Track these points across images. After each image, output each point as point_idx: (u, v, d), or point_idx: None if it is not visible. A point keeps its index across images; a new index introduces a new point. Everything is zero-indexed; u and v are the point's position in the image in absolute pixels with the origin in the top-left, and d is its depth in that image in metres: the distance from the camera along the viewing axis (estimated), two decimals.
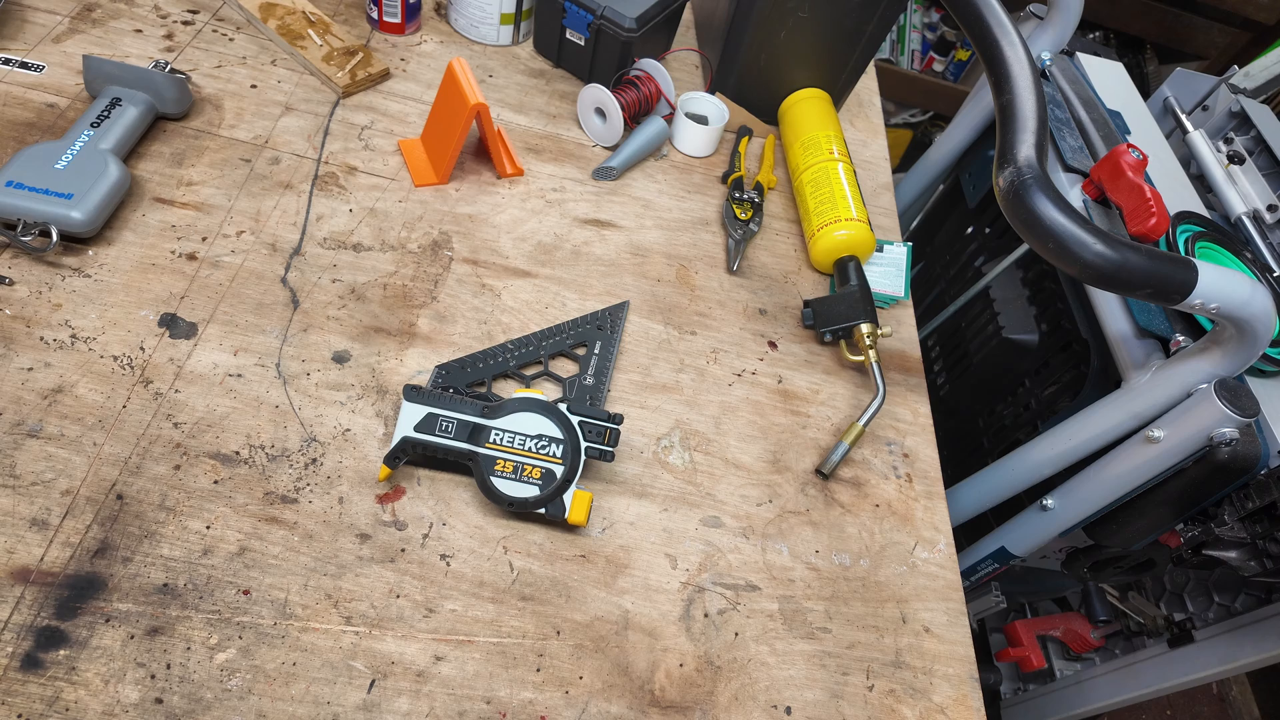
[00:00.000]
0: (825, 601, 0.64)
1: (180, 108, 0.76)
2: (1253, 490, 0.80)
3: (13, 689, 0.46)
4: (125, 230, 0.68)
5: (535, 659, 0.55)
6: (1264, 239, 0.92)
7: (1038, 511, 0.86)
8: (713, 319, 0.80)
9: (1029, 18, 1.01)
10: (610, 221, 0.85)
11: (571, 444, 0.59)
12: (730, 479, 0.69)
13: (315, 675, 0.50)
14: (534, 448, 0.59)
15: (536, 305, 0.75)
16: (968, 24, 0.68)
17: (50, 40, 0.80)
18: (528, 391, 0.62)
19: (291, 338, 0.65)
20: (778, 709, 0.58)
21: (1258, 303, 0.59)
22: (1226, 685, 1.77)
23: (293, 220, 0.73)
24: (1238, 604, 0.91)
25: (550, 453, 0.59)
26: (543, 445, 0.59)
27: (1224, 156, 1.00)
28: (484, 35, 0.98)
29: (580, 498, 0.60)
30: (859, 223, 0.85)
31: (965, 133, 1.12)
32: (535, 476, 0.59)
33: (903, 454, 0.76)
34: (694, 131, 0.95)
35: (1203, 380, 0.68)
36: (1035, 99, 0.61)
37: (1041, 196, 0.57)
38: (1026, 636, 1.11)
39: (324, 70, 0.85)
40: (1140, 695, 0.98)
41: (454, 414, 0.59)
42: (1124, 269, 0.56)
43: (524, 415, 0.60)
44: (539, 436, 0.59)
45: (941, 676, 0.63)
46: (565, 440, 0.59)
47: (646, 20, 0.89)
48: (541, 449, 0.59)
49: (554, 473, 0.59)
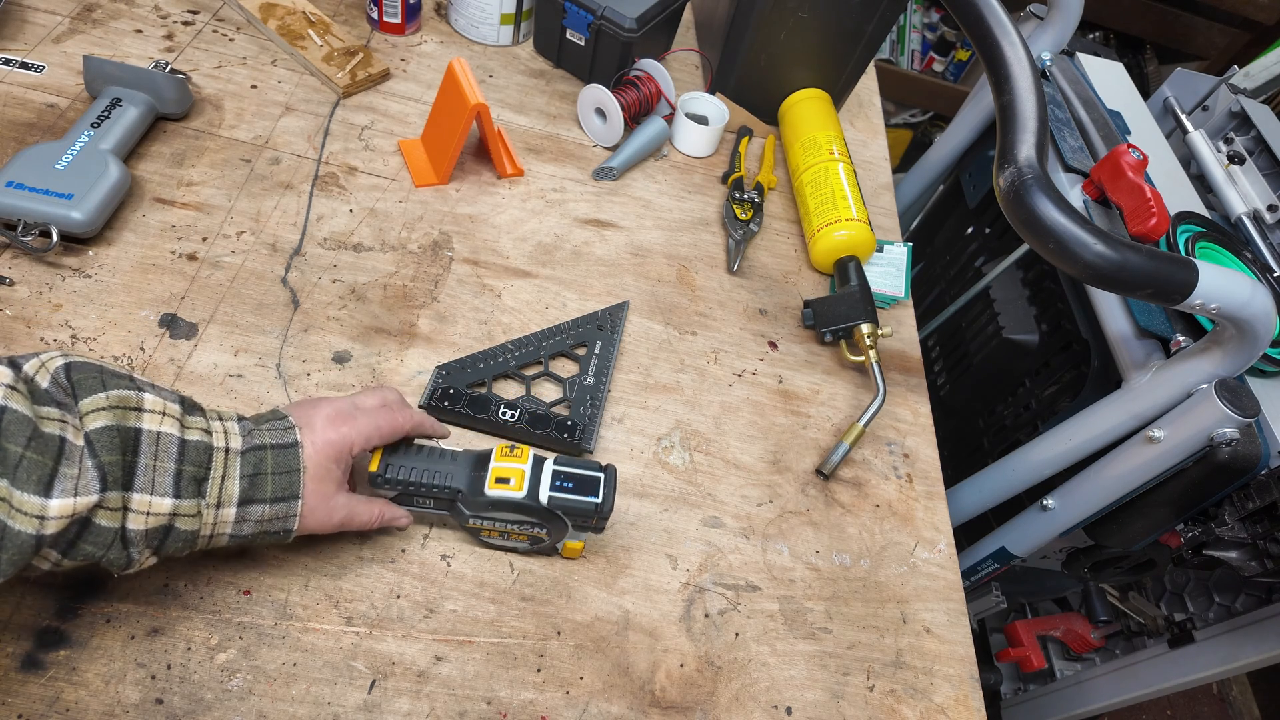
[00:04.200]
0: (826, 602, 0.64)
1: (180, 108, 0.76)
2: (1253, 490, 0.80)
3: (13, 689, 0.46)
4: (125, 230, 0.68)
5: (536, 659, 0.55)
6: (1264, 239, 0.92)
7: (1038, 512, 0.86)
8: (713, 319, 0.80)
9: (1029, 18, 1.01)
10: (610, 222, 0.85)
11: (557, 528, 0.55)
12: (730, 479, 0.69)
13: (316, 675, 0.50)
14: (516, 529, 0.55)
15: (537, 305, 0.75)
16: (968, 24, 0.68)
17: (50, 40, 0.80)
18: (509, 461, 0.54)
19: (292, 338, 0.65)
20: (778, 709, 0.58)
21: (1258, 303, 0.59)
22: (1227, 685, 1.77)
23: (293, 220, 0.73)
24: (1238, 604, 0.91)
25: (536, 529, 0.55)
26: (525, 526, 0.55)
27: (1224, 156, 1.00)
28: (484, 35, 0.98)
29: (571, 547, 0.58)
30: (859, 223, 0.85)
31: (965, 133, 1.12)
32: (522, 539, 0.57)
33: (903, 454, 0.76)
34: (694, 132, 0.95)
35: (1203, 380, 0.68)
36: (1035, 99, 0.61)
37: (1042, 197, 0.57)
38: (1027, 637, 1.11)
39: (324, 70, 0.85)
40: (1140, 695, 0.98)
41: (425, 509, 0.56)
42: (1124, 269, 0.56)
43: (500, 513, 0.54)
44: (520, 522, 0.55)
45: (942, 677, 0.63)
46: (550, 526, 0.55)
47: (647, 20, 0.89)
48: (524, 528, 0.55)
49: (541, 538, 0.56)
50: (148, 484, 0.41)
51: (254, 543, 0.48)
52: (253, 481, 0.45)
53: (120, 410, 0.41)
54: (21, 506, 0.37)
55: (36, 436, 0.37)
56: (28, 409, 0.37)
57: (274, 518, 0.46)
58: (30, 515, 0.37)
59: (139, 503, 0.41)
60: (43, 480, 0.37)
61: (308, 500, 0.47)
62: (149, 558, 0.43)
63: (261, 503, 0.46)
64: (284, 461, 0.47)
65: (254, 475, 0.45)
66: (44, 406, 0.39)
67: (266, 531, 0.47)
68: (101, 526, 0.40)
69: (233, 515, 0.45)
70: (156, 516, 0.42)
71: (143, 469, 0.41)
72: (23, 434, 0.37)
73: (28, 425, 0.37)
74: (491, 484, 0.53)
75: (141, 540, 0.42)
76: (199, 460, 0.44)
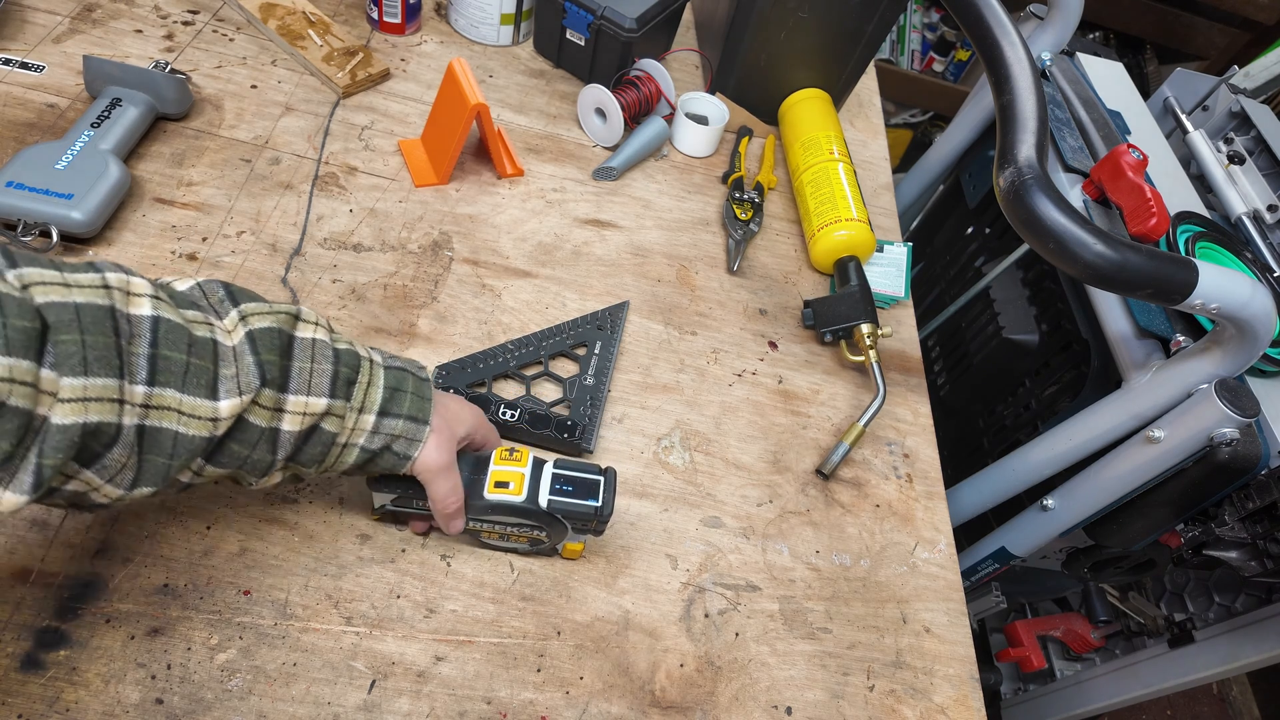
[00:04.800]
0: (826, 602, 0.64)
1: (180, 108, 0.76)
2: (1253, 490, 0.80)
3: (13, 689, 0.46)
4: (125, 230, 0.68)
5: (536, 659, 0.55)
6: (1264, 239, 0.92)
7: (1038, 512, 0.85)
8: (713, 319, 0.80)
9: (1029, 18, 1.01)
10: (610, 222, 0.85)
11: (556, 531, 0.54)
12: (730, 479, 0.69)
13: (316, 675, 0.50)
14: (516, 531, 0.55)
15: (537, 305, 0.75)
16: (968, 24, 0.68)
17: (50, 40, 0.80)
18: (508, 464, 0.53)
19: None
20: (778, 709, 0.58)
21: (1258, 303, 0.59)
22: (1227, 685, 1.77)
23: (293, 220, 0.73)
24: (1238, 604, 0.91)
25: (535, 532, 0.55)
26: (525, 529, 0.55)
27: (1224, 156, 1.00)
28: (484, 35, 0.98)
29: (571, 548, 0.58)
30: (859, 223, 0.85)
31: (965, 133, 1.12)
32: (522, 541, 0.57)
33: (903, 454, 0.76)
34: (694, 132, 0.95)
35: (1203, 380, 0.68)
36: (1035, 99, 0.61)
37: (1042, 196, 0.57)
38: (1027, 637, 1.11)
39: (324, 70, 0.85)
40: (1140, 695, 0.98)
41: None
42: (1124, 269, 0.56)
43: (499, 516, 0.54)
44: (520, 524, 0.54)
45: (942, 677, 0.63)
46: (549, 528, 0.54)
47: (646, 20, 0.89)
48: (524, 530, 0.55)
49: (541, 540, 0.56)
50: (304, 385, 0.43)
51: (376, 463, 0.48)
52: (393, 395, 0.47)
53: (284, 316, 0.43)
54: (195, 411, 0.38)
55: (194, 342, 0.38)
56: (178, 316, 0.38)
57: (403, 435, 0.47)
58: (203, 419, 0.38)
59: (294, 404, 0.43)
60: (208, 384, 0.39)
61: (436, 430, 0.49)
62: (282, 466, 0.45)
63: (397, 417, 0.47)
64: (420, 388, 0.49)
65: (395, 389, 0.47)
66: (188, 310, 0.40)
67: (392, 450, 0.47)
68: (251, 424, 0.41)
69: (370, 423, 0.46)
70: (310, 416, 0.43)
71: (298, 371, 0.43)
72: (182, 341, 0.38)
73: (183, 333, 0.38)
74: (490, 488, 0.52)
75: (289, 442, 0.43)
76: (351, 364, 0.46)
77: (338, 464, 0.47)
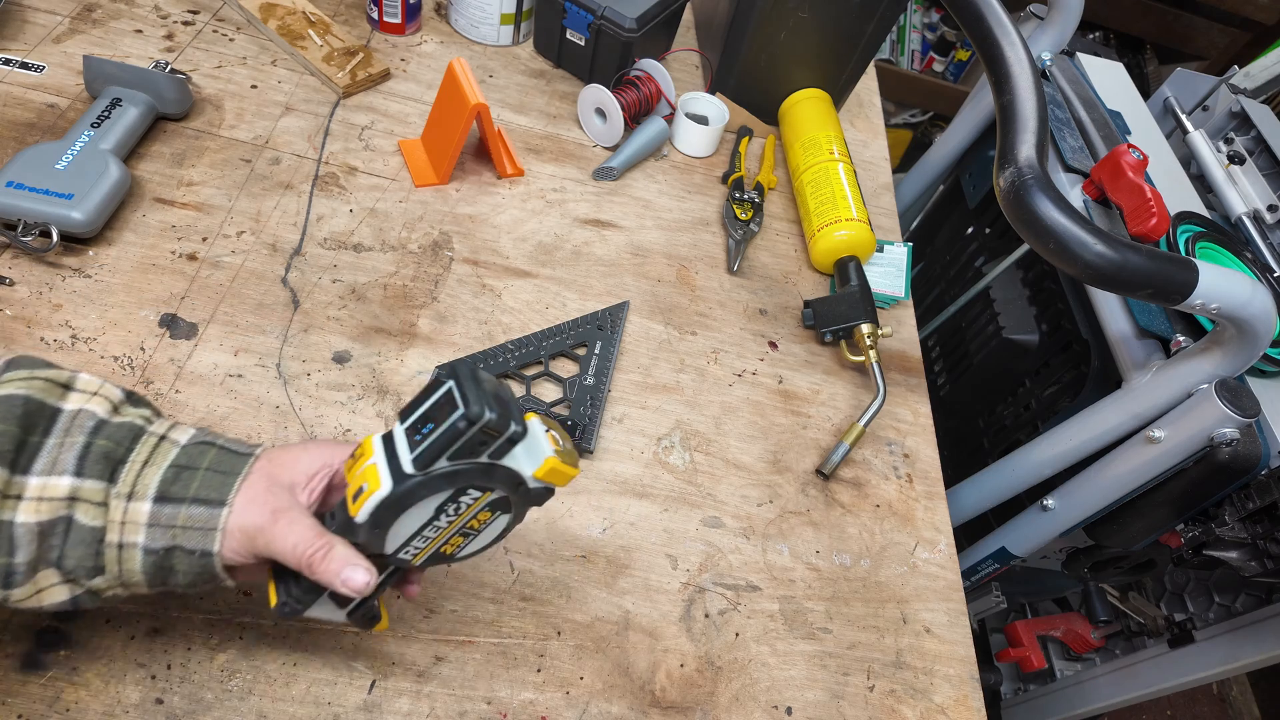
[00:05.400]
0: (826, 602, 0.64)
1: (180, 108, 0.76)
2: (1253, 490, 0.80)
3: (13, 689, 0.46)
4: (126, 230, 0.68)
5: (536, 659, 0.55)
6: (1264, 239, 0.92)
7: (1038, 512, 0.85)
8: (713, 319, 0.80)
9: (1029, 18, 1.01)
10: (610, 222, 0.85)
11: (479, 476, 0.40)
12: (731, 479, 0.69)
13: (316, 676, 0.50)
14: (468, 519, 0.43)
15: (537, 305, 0.75)
16: (968, 24, 0.68)
17: (50, 40, 0.80)
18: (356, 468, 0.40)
19: (292, 338, 0.65)
20: (778, 709, 0.58)
21: (1258, 303, 0.59)
22: (1227, 685, 1.77)
23: (293, 220, 0.73)
24: (1238, 604, 0.91)
25: (476, 501, 0.42)
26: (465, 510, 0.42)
27: (1224, 157, 1.00)
28: (484, 35, 0.98)
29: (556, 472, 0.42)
30: (859, 223, 0.85)
31: (965, 133, 1.12)
32: (488, 517, 0.44)
33: (903, 454, 0.76)
34: (694, 132, 0.95)
35: (1203, 380, 0.68)
36: (1035, 99, 0.61)
37: (1042, 197, 0.57)
38: (1027, 637, 1.11)
39: (324, 70, 0.85)
40: (1140, 695, 0.98)
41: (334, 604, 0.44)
42: (1124, 269, 0.56)
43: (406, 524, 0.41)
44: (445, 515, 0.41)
45: (942, 677, 0.63)
46: (476, 482, 0.41)
47: (647, 20, 0.89)
48: (465, 512, 0.42)
49: (504, 500, 0.43)
50: (49, 465, 0.34)
51: (175, 572, 0.37)
52: (179, 475, 0.37)
53: (43, 383, 0.35)
54: None
55: None
56: None
57: (191, 525, 0.36)
58: None
59: (34, 487, 0.34)
60: None
61: (248, 484, 0.38)
62: (31, 576, 0.34)
63: (180, 502, 0.36)
64: (222, 460, 0.38)
65: (184, 468, 0.37)
66: None
67: (182, 548, 0.37)
68: None
69: (145, 513, 0.36)
70: (50, 502, 0.34)
71: (48, 449, 0.34)
72: None
73: None
74: (354, 508, 0.39)
75: (29, 539, 0.34)
76: (117, 438, 0.36)
77: (126, 574, 0.37)
